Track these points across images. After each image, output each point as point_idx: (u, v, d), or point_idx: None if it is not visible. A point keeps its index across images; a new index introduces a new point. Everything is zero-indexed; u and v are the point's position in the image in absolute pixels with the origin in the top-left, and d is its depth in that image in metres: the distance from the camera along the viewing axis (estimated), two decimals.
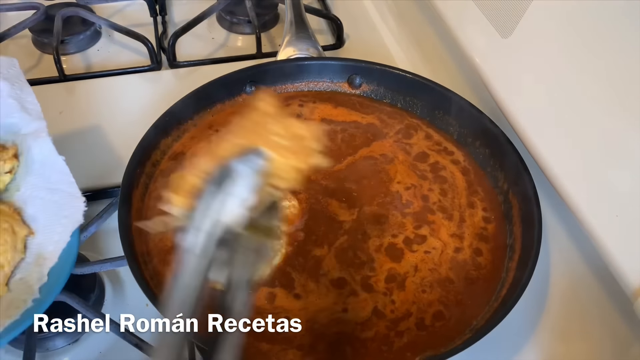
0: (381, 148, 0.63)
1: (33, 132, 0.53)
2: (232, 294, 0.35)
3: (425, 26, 0.78)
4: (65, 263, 0.49)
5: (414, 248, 0.55)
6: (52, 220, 0.50)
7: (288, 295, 0.51)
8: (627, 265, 0.45)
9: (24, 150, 0.53)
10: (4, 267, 0.48)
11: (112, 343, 0.53)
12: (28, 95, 0.56)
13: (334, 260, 0.53)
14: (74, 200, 0.51)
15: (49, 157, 0.53)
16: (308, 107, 0.68)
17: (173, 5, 0.93)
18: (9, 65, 0.58)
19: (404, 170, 0.61)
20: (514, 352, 0.54)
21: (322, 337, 0.48)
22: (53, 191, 0.51)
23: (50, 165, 0.53)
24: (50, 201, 0.51)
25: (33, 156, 0.53)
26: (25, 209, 0.52)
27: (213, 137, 0.41)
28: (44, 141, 0.53)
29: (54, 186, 0.52)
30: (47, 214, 0.51)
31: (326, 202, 0.58)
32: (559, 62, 0.51)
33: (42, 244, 0.50)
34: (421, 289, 0.52)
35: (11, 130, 0.54)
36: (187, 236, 0.34)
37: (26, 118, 0.54)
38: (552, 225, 0.58)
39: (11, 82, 0.56)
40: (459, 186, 0.60)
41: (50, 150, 0.53)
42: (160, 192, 0.57)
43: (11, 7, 0.85)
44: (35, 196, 0.52)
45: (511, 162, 0.58)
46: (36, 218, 0.51)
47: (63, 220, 0.50)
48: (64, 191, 0.51)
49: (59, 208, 0.51)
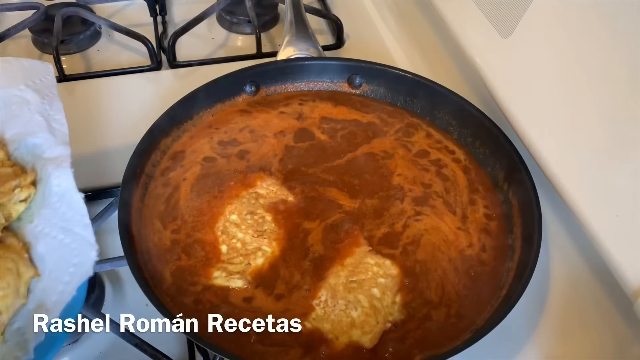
0: (382, 145, 0.64)
1: (56, 158, 0.48)
2: None
3: (425, 26, 0.78)
4: (66, 318, 0.43)
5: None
6: (60, 265, 0.45)
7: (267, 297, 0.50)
8: (627, 265, 0.45)
9: (43, 177, 0.48)
10: (2, 314, 0.43)
11: (112, 343, 0.53)
12: (57, 113, 0.52)
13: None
14: (87, 248, 0.45)
15: (68, 192, 0.47)
16: (308, 106, 0.68)
17: (173, 5, 0.93)
18: (44, 73, 0.54)
19: (404, 165, 0.61)
20: (514, 352, 0.54)
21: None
22: (66, 231, 0.46)
23: (68, 200, 0.47)
24: (62, 243, 0.45)
25: (51, 187, 0.47)
26: (36, 245, 0.46)
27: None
28: (65, 172, 0.48)
29: (67, 225, 0.46)
30: (56, 257, 0.45)
31: (324, 190, 0.59)
32: (559, 62, 0.51)
33: (46, 291, 0.44)
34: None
35: (33, 151, 0.50)
36: None
37: (51, 140, 0.49)
38: (552, 225, 0.58)
39: (42, 95, 0.52)
40: (460, 184, 0.60)
41: (69, 184, 0.47)
42: (155, 191, 0.58)
43: (11, 7, 0.85)
44: (47, 233, 0.46)
45: (511, 162, 0.58)
46: (44, 259, 0.46)
47: (71, 269, 0.44)
48: (77, 234, 0.46)
49: (70, 253, 0.45)
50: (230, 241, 0.54)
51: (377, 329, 0.48)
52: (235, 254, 0.53)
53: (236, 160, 0.61)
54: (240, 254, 0.53)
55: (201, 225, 0.55)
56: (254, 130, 0.65)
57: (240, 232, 0.54)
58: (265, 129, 0.65)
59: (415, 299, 0.51)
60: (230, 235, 0.54)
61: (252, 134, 0.64)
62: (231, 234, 0.54)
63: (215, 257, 0.53)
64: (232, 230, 0.54)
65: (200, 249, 0.53)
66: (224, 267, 0.52)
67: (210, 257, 0.53)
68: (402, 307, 0.50)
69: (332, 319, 0.49)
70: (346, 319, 0.48)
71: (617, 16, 0.46)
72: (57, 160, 0.48)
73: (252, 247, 0.53)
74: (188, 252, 0.53)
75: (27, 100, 0.51)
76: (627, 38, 0.45)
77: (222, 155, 0.62)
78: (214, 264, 0.52)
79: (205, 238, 0.54)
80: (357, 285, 0.51)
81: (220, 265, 0.52)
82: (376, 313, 0.49)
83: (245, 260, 0.52)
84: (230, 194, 0.57)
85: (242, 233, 0.54)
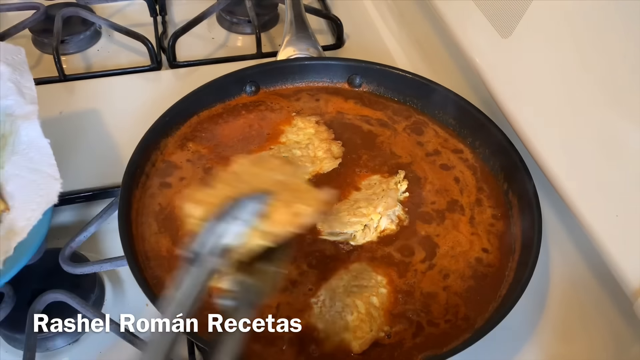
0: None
1: (25, 114, 0.56)
2: (237, 311, 0.37)
3: (425, 26, 0.78)
4: (33, 239, 0.50)
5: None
6: (28, 198, 0.52)
7: None
8: (627, 265, 0.45)
9: (13, 130, 0.55)
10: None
11: (112, 343, 0.53)
12: (27, 82, 0.58)
13: None
14: (52, 181, 0.52)
15: (36, 140, 0.55)
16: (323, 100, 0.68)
17: (173, 5, 0.93)
18: (15, 53, 0.61)
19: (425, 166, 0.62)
20: (514, 352, 0.54)
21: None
22: (34, 171, 0.53)
23: (36, 147, 0.54)
24: (30, 180, 0.53)
25: (21, 137, 0.55)
26: (5, 186, 0.54)
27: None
28: (33, 124, 0.55)
29: (35, 166, 0.54)
30: (24, 192, 0.53)
31: None
32: (559, 62, 0.51)
33: (14, 220, 0.51)
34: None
35: (6, 111, 0.57)
36: (190, 249, 0.37)
37: (21, 101, 0.56)
38: (552, 225, 0.58)
39: (13, 68, 0.58)
40: (470, 184, 0.60)
41: (37, 133, 0.55)
42: (155, 191, 0.58)
43: (11, 7, 0.85)
44: (16, 175, 0.54)
45: (511, 162, 0.58)
46: (14, 196, 0.53)
47: (38, 199, 0.51)
48: (44, 172, 0.53)
49: (37, 187, 0.52)
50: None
51: (369, 336, 0.48)
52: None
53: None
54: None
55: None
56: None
57: None
58: (264, 128, 0.65)
59: (416, 311, 0.50)
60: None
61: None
62: None
63: None
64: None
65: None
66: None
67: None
68: (400, 317, 0.50)
69: (327, 319, 0.49)
70: (340, 321, 0.48)
71: (617, 16, 0.46)
72: (26, 116, 0.55)
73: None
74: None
75: (1, 72, 0.57)
76: (627, 38, 0.45)
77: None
78: None
79: None
80: (357, 290, 0.50)
81: None
82: (371, 320, 0.49)
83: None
84: None
85: None
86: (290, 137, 0.63)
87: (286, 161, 0.59)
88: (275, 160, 0.46)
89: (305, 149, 0.62)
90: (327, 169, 0.60)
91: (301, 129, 0.64)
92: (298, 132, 0.64)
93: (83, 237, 0.56)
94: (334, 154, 0.62)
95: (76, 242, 0.56)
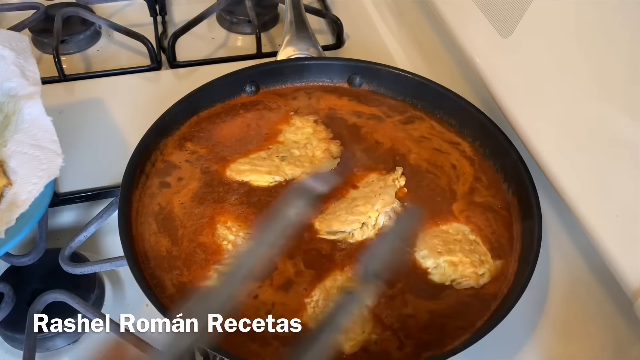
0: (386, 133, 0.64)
1: (28, 94, 0.57)
2: None
3: (425, 26, 0.78)
4: (35, 211, 0.51)
5: None
6: (30, 172, 0.53)
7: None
8: (627, 265, 0.45)
9: (16, 110, 0.57)
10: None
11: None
12: (30, 65, 0.60)
13: None
14: (54, 156, 0.54)
15: (38, 117, 0.56)
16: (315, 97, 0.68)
17: (173, 5, 0.93)
18: (19, 39, 0.63)
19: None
20: (514, 352, 0.54)
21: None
22: (36, 147, 0.55)
23: (38, 124, 0.56)
24: (32, 156, 0.54)
25: (24, 116, 0.56)
26: (8, 162, 0.55)
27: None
28: (36, 102, 0.56)
29: (37, 143, 0.55)
30: (26, 167, 0.54)
31: None
32: (559, 62, 0.51)
33: (16, 193, 0.52)
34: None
35: (9, 93, 0.58)
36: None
37: (24, 83, 0.58)
38: (552, 225, 0.58)
39: (17, 53, 0.60)
40: (467, 172, 0.60)
41: (39, 111, 0.56)
42: (155, 191, 0.58)
43: (11, 7, 0.85)
44: (19, 151, 0.55)
45: (511, 162, 0.58)
46: (16, 171, 0.54)
47: (40, 173, 0.53)
48: (46, 148, 0.54)
49: (39, 162, 0.54)
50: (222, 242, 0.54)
51: (361, 338, 0.48)
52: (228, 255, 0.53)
53: None
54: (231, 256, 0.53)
55: (201, 229, 0.55)
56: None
57: (231, 235, 0.54)
58: (262, 128, 0.65)
59: (416, 315, 0.50)
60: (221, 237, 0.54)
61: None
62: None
63: (212, 260, 0.52)
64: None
65: (201, 252, 0.53)
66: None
67: (208, 259, 0.53)
68: (398, 321, 0.49)
69: (320, 320, 0.48)
70: (332, 322, 0.48)
71: (617, 16, 0.46)
72: (29, 96, 0.57)
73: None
74: (188, 262, 0.52)
75: (4, 56, 0.60)
76: (627, 37, 0.45)
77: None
78: (211, 265, 0.52)
79: (205, 241, 0.54)
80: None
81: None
82: (364, 323, 0.49)
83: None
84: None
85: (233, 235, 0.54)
86: (289, 136, 0.63)
87: None
88: None
89: (303, 149, 0.62)
90: (326, 169, 0.60)
91: (299, 128, 0.64)
92: (296, 132, 0.64)
93: (83, 237, 0.56)
94: (333, 154, 0.62)
95: (76, 242, 0.56)
